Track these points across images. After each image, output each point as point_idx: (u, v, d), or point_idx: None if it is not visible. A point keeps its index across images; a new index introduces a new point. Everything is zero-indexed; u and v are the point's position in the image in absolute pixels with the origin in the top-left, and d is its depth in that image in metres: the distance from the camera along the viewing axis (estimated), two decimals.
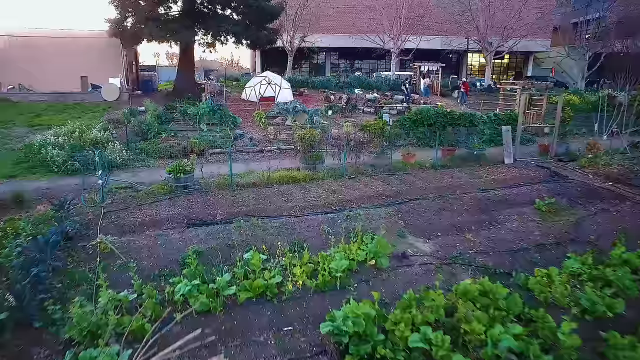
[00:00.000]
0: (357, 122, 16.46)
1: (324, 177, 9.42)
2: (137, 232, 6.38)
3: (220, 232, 6.41)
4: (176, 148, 11.47)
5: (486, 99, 24.75)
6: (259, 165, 10.69)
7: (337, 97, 21.90)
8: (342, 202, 7.90)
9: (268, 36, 20.81)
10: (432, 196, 8.46)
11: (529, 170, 10.76)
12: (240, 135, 13.30)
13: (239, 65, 72.40)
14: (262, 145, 12.58)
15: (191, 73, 21.07)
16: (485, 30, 27.66)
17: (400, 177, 9.73)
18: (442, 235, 6.88)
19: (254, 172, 9.77)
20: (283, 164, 10.61)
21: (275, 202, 7.81)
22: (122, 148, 10.60)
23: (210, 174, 9.60)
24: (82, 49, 20.39)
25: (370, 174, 9.92)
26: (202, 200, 7.84)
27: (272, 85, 20.33)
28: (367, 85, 25.62)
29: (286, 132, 14.06)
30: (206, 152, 11.62)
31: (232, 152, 11.65)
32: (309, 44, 29.86)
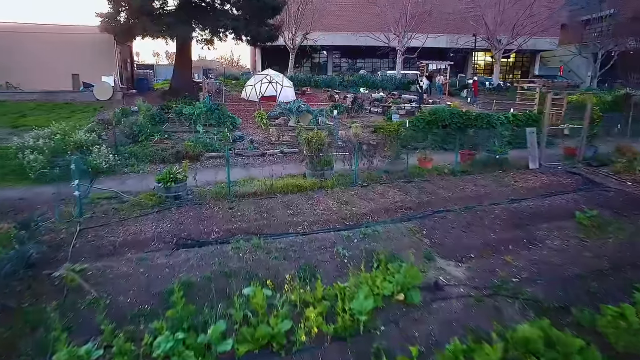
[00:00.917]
0: (364, 122, 15.47)
1: (333, 185, 8.41)
2: (116, 255, 5.36)
3: (216, 254, 5.39)
4: (169, 152, 10.46)
5: (497, 99, 23.74)
6: (260, 170, 9.69)
7: (341, 96, 20.90)
8: (357, 216, 6.88)
9: (269, 32, 19.79)
10: (457, 208, 7.45)
11: (558, 176, 9.74)
12: (240, 137, 12.29)
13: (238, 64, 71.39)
14: (263, 148, 11.56)
15: (188, 71, 20.05)
16: (495, 27, 26.61)
17: (418, 185, 8.72)
18: (476, 256, 5.86)
19: (255, 179, 8.76)
20: (287, 170, 9.61)
21: (279, 215, 6.79)
22: (109, 152, 9.58)
23: (206, 181, 8.60)
24: (73, 46, 19.35)
25: (384, 182, 8.90)
26: (196, 213, 6.82)
27: (274, 84, 19.32)
28: (372, 84, 24.60)
29: (289, 134, 13.05)
30: (202, 156, 10.62)
31: (230, 156, 10.64)
32: (311, 41, 28.81)
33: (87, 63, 19.48)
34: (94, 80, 19.19)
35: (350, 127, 13.88)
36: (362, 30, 30.60)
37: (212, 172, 9.59)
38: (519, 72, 44.31)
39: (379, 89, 23.50)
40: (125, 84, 21.37)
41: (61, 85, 19.11)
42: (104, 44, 19.42)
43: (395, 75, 26.68)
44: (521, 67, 44.53)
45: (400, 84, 25.25)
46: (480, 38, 29.76)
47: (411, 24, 27.59)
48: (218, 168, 9.93)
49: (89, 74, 19.41)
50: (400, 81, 25.49)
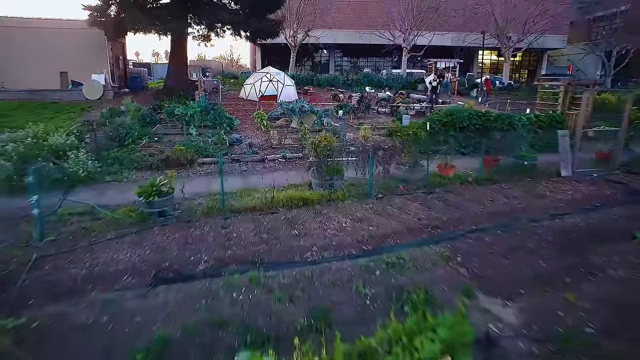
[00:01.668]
0: (373, 124, 14.34)
1: (344, 197, 7.28)
2: (76, 296, 4.22)
3: (203, 294, 4.25)
4: (157, 157, 9.32)
5: (509, 98, 22.62)
6: (260, 179, 8.56)
7: (346, 95, 19.76)
8: (375, 238, 5.74)
9: (269, 28, 18.66)
10: (492, 226, 6.31)
11: (597, 185, 8.61)
12: (238, 141, 11.15)
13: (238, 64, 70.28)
14: (263, 152, 10.43)
15: (184, 69, 18.92)
16: (505, 24, 25.48)
17: (441, 197, 7.58)
18: (527, 292, 4.72)
19: (254, 189, 7.62)
20: (290, 178, 8.49)
21: (282, 237, 5.65)
22: (88, 157, 8.44)
23: (197, 193, 7.46)
24: (61, 42, 18.23)
25: (403, 193, 7.77)
26: (182, 235, 5.68)
27: (274, 83, 18.18)
28: (377, 83, 23.47)
29: (292, 137, 11.91)
30: (195, 162, 9.48)
31: (226, 162, 9.55)
32: (313, 39, 27.68)
33: (77, 60, 18.37)
34: (84, 79, 18.08)
35: (358, 129, 12.76)
36: (366, 27, 29.48)
37: (205, 180, 8.45)
38: (525, 72, 43.22)
39: (385, 88, 22.37)
40: (117, 82, 20.24)
41: (48, 83, 18.02)
42: (95, 40, 18.29)
43: (401, 74, 25.53)
44: (528, 67, 43.38)
45: (406, 83, 24.11)
46: (489, 35, 28.59)
47: (417, 20, 26.47)
48: (212, 176, 8.80)
49: (79, 71, 18.31)
50: (406, 80, 24.35)
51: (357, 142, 11.57)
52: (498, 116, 11.98)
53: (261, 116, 10.12)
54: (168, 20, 15.62)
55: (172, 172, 6.68)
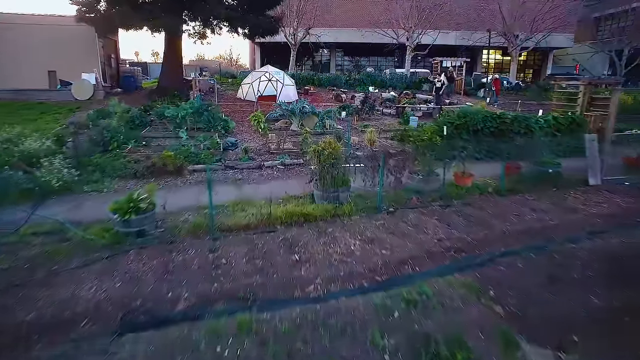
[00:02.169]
0: (379, 126, 13.46)
1: (351, 211, 6.39)
2: (14, 352, 3.33)
3: (180, 347, 3.37)
4: (143, 163, 8.44)
5: (517, 99, 21.75)
6: (256, 189, 7.67)
7: (348, 96, 18.88)
8: (391, 265, 4.85)
9: (269, 25, 17.77)
10: (523, 248, 5.43)
11: (633, 197, 7.71)
12: (233, 145, 10.27)
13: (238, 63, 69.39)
14: (260, 158, 9.54)
15: (178, 68, 18.03)
16: (513, 22, 24.59)
17: (461, 211, 6.70)
18: (582, 338, 3.84)
19: (249, 202, 6.73)
20: (290, 187, 7.60)
21: (280, 265, 4.77)
22: (65, 165, 7.56)
23: (184, 207, 6.57)
24: (50, 39, 17.33)
25: (417, 206, 6.88)
26: (161, 262, 4.80)
27: (274, 82, 17.30)
28: (380, 83, 22.58)
29: (292, 140, 11.03)
30: (185, 168, 8.59)
31: (219, 169, 8.67)
32: (314, 37, 26.80)
33: (66, 59, 17.48)
34: (74, 78, 17.19)
35: (363, 132, 11.88)
36: (369, 26, 28.59)
37: (195, 191, 7.56)
38: (530, 71, 42.32)
39: (389, 88, 21.49)
40: (109, 82, 19.35)
41: (36, 83, 17.15)
42: (85, 37, 17.39)
43: (405, 73, 24.64)
44: (533, 66, 42.46)
45: (410, 82, 23.23)
46: (496, 34, 27.71)
47: (422, 18, 25.57)
48: (203, 185, 7.90)
49: (68, 70, 17.43)
50: (410, 80, 23.46)
51: (362, 147, 10.70)
52: (514, 118, 11.09)
53: (258, 118, 9.24)
54: (161, 15, 14.74)
55: (153, 185, 5.80)
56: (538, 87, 25.14)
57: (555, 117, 11.79)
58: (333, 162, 6.36)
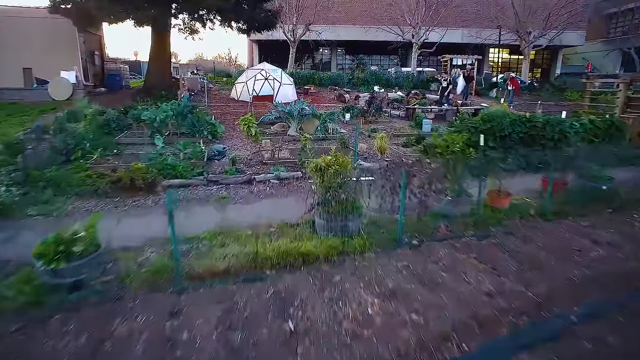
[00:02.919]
0: (388, 130, 11.97)
1: (364, 246, 4.90)
2: None
3: None
4: (108, 178, 6.94)
5: (533, 99, 20.27)
6: (243, 211, 6.20)
7: (352, 96, 17.39)
8: (427, 343, 3.35)
9: (265, 18, 16.28)
10: (603, 304, 3.94)
11: None
12: (220, 154, 8.78)
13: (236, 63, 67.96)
14: (251, 170, 8.04)
15: (166, 66, 16.54)
16: (527, 17, 23.10)
17: (504, 244, 5.21)
18: None
19: (231, 232, 5.25)
20: (285, 210, 6.13)
21: (268, 345, 3.27)
22: (7, 181, 6.08)
23: (149, 238, 5.07)
24: (25, 33, 15.83)
25: (447, 237, 5.39)
26: (93, 339, 3.30)
27: (270, 81, 15.81)
28: (385, 82, 21.10)
29: (289, 147, 9.55)
30: (158, 184, 7.10)
31: (199, 185, 7.20)
32: (315, 34, 25.31)
33: (43, 55, 16.01)
34: (52, 76, 15.70)
35: (370, 137, 10.40)
36: (372, 23, 27.13)
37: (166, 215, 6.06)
38: (539, 70, 40.76)
39: (395, 88, 20.00)
40: (92, 80, 17.87)
41: (10, 81, 15.67)
42: (64, 31, 15.91)
43: (411, 72, 23.16)
44: (542, 65, 40.92)
45: (418, 82, 21.74)
46: (507, 31, 26.19)
47: (428, 14, 24.10)
48: (179, 206, 6.44)
49: (46, 68, 15.96)
50: (418, 79, 21.97)
51: (371, 155, 9.21)
52: (546, 122, 9.60)
53: (248, 122, 7.71)
54: (145, 7, 13.25)
55: (97, 216, 4.28)
56: (553, 86, 23.64)
57: (592, 121, 10.30)
58: (341, 184, 4.86)
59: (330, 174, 4.77)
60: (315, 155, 8.50)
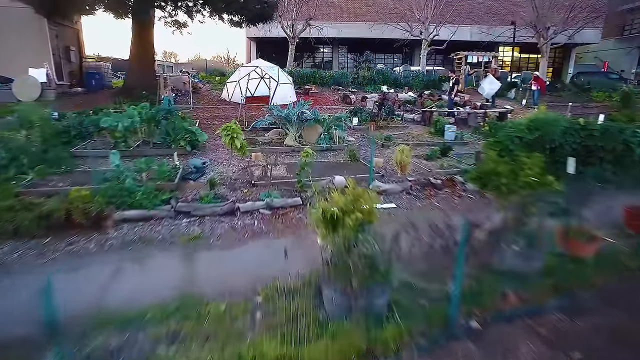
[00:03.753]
0: (405, 137, 10.14)
1: (400, 340, 3.05)
2: None
3: None
4: (36, 211, 5.08)
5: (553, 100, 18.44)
6: (216, 262, 4.37)
7: (358, 96, 15.54)
8: None
9: (260, 10, 14.45)
10: None
11: None
12: (199, 170, 6.93)
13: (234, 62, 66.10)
14: (235, 195, 6.17)
15: (149, 64, 14.69)
16: (547, 11, 21.27)
17: (614, 327, 3.36)
18: None
19: (193, 306, 3.41)
20: (276, 259, 4.31)
21: None
22: None
23: (75, 311, 3.21)
24: None
25: (520, 313, 3.54)
26: None
27: (267, 80, 13.97)
28: (394, 82, 19.26)
29: (286, 161, 7.72)
30: (110, 217, 5.24)
31: (165, 217, 5.38)
32: (316, 30, 23.47)
33: (7, 50, 14.14)
34: (18, 74, 13.86)
35: (383, 146, 8.56)
36: (377, 19, 25.29)
37: (113, 263, 4.25)
38: (550, 70, 38.89)
39: (405, 88, 18.16)
40: (68, 79, 16.02)
41: None
42: (32, 23, 14.07)
43: (421, 71, 21.33)
44: (553, 64, 39.07)
45: (428, 81, 19.90)
46: (523, 27, 24.29)
47: (439, 8, 22.27)
48: (135, 250, 4.63)
49: (11, 65, 14.09)
50: (428, 78, 20.13)
51: (389, 173, 7.35)
52: (605, 130, 7.75)
53: (232, 131, 5.83)
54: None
55: None
56: (575, 86, 21.80)
57: None
58: (364, 240, 3.01)
59: (348, 227, 2.93)
60: (319, 174, 6.67)
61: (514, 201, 3.72)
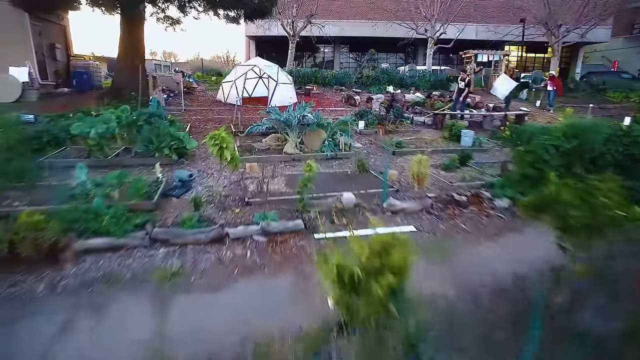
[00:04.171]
0: (417, 142, 9.17)
1: None
2: None
3: None
4: None
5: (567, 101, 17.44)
6: (196, 312, 3.37)
7: (363, 97, 14.57)
8: None
9: (258, 4, 13.46)
10: None
11: None
12: (184, 185, 5.95)
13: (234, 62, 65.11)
14: (224, 218, 5.17)
15: (138, 62, 13.68)
16: (560, 8, 20.28)
17: None
18: None
19: None
20: (274, 308, 3.32)
21: None
22: None
23: None
24: None
25: None
26: None
27: (265, 79, 13.00)
28: (399, 82, 18.28)
29: (286, 174, 6.74)
30: (69, 246, 4.27)
31: (138, 246, 4.41)
32: (317, 28, 22.49)
33: None
34: None
35: (395, 154, 7.60)
36: (381, 17, 24.30)
37: (63, 312, 3.28)
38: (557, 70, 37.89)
39: (411, 88, 17.19)
40: (54, 79, 15.05)
41: None
42: (11, 18, 13.08)
43: (427, 70, 20.35)
44: (560, 64, 38.07)
45: (435, 81, 18.91)
46: (531, 25, 23.29)
47: (446, 5, 21.28)
48: (94, 296, 3.66)
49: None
50: (436, 78, 19.14)
51: (404, 187, 6.37)
52: None
53: (222, 141, 4.88)
54: None
55: None
56: (590, 86, 20.83)
57: None
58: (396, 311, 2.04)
59: (376, 296, 1.96)
60: (324, 188, 5.69)
61: (598, 244, 2.74)
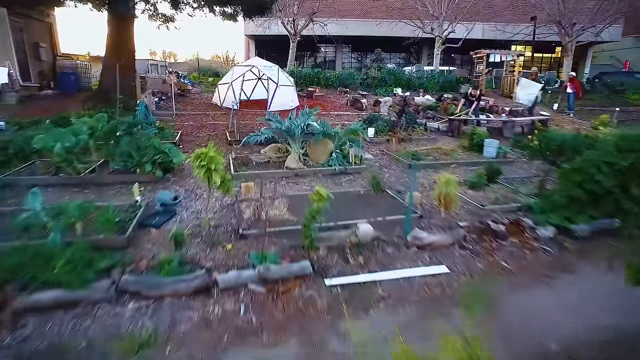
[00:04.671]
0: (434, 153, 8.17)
1: None
2: None
3: None
4: None
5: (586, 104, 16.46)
6: None
7: (370, 100, 13.57)
8: None
9: (257, 0, 12.47)
10: None
11: None
12: (167, 211, 4.95)
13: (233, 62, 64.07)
14: (212, 259, 4.17)
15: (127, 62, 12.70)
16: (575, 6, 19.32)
17: None
18: None
19: None
20: None
21: None
22: None
23: None
24: None
25: None
26: None
27: (264, 81, 12.01)
28: (407, 84, 17.29)
29: (289, 195, 5.74)
30: (8, 302, 3.27)
31: (100, 301, 3.38)
32: (319, 26, 21.49)
33: None
34: None
35: (410, 165, 6.62)
36: (386, 15, 23.32)
37: None
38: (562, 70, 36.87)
39: (421, 91, 16.20)
40: (38, 80, 14.04)
41: None
42: None
43: (435, 71, 19.36)
44: None
45: (445, 82, 17.92)
46: (543, 24, 22.30)
47: (454, 2, 20.31)
48: None
49: None
50: (445, 79, 18.15)
51: (427, 212, 5.37)
52: None
53: (209, 161, 3.90)
54: None
55: None
56: (607, 87, 19.85)
57: None
58: None
59: None
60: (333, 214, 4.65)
61: None
